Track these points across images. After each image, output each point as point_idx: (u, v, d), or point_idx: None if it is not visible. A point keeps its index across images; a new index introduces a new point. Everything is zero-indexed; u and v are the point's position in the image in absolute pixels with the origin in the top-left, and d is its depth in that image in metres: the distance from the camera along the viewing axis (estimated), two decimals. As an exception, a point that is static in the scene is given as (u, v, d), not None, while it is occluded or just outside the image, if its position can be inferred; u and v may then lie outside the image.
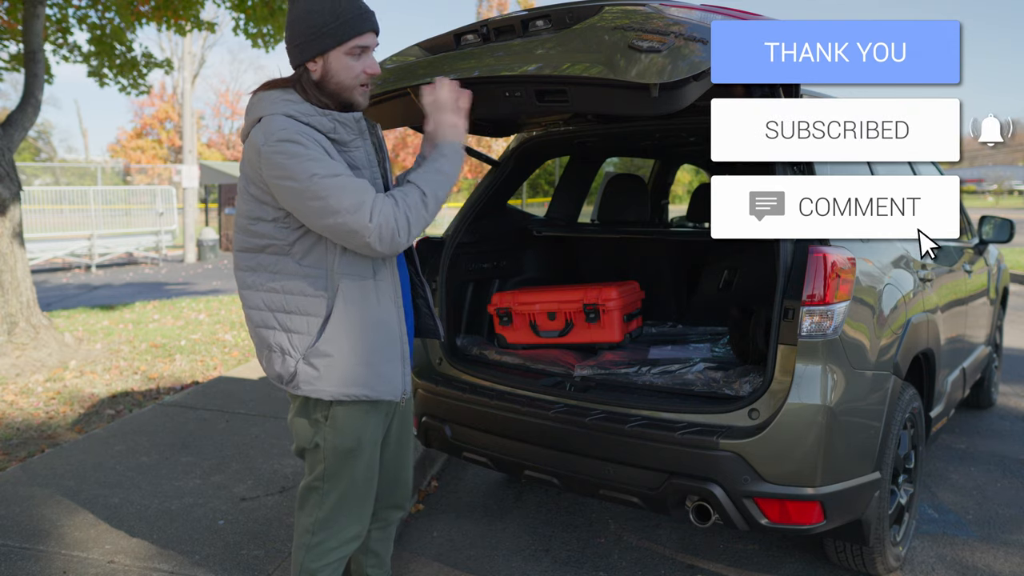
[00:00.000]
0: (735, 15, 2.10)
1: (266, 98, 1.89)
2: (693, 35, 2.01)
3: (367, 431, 1.96)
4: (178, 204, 18.85)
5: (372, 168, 1.96)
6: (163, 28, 8.11)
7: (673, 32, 2.02)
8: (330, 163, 1.79)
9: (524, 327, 3.36)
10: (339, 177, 1.77)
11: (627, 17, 2.18)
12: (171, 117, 37.51)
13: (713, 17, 2.09)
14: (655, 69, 1.94)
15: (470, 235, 3.33)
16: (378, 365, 1.91)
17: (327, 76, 1.88)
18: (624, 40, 2.05)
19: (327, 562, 1.99)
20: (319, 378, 1.86)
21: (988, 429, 4.69)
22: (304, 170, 1.75)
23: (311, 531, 1.98)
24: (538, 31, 2.38)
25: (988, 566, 2.96)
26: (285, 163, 1.76)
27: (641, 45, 2.00)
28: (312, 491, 1.98)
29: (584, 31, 2.21)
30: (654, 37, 2.02)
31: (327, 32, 1.85)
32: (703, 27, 2.04)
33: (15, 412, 4.72)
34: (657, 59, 1.96)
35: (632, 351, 3.28)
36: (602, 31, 2.17)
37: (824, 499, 2.28)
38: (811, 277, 2.26)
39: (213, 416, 4.49)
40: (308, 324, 1.87)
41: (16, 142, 6.22)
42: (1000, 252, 5.08)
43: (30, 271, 6.32)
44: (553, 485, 2.73)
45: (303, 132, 1.79)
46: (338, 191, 1.75)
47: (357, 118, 1.92)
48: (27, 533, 2.94)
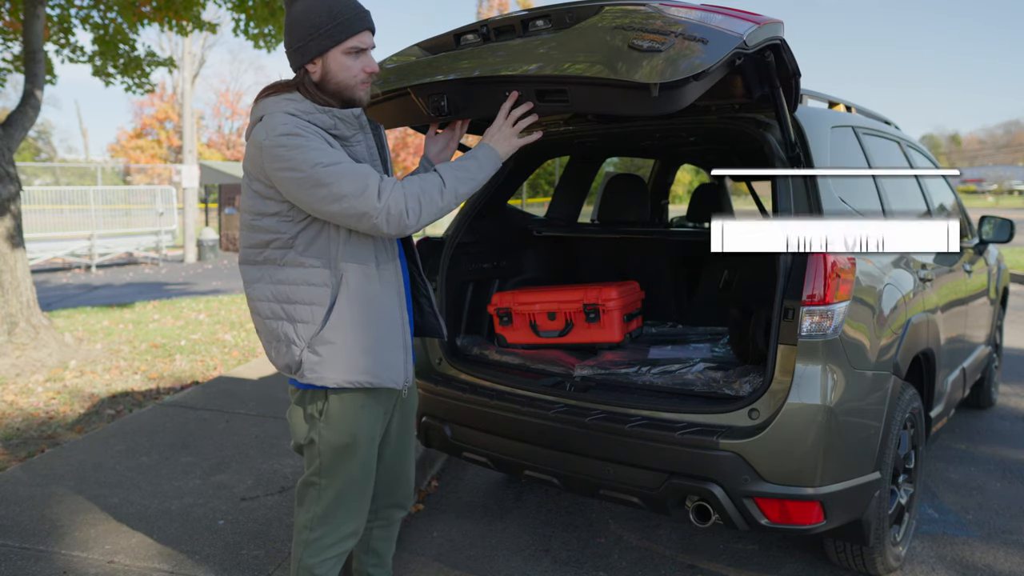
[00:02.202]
0: (735, 15, 2.10)
1: (271, 98, 1.93)
2: (694, 35, 2.00)
3: (362, 426, 1.97)
4: (178, 204, 18.87)
5: (374, 162, 2.00)
6: (165, 28, 8.11)
7: (673, 32, 2.01)
8: (331, 152, 1.83)
9: (524, 327, 3.36)
10: (341, 164, 1.81)
11: (627, 17, 2.17)
12: (171, 117, 37.50)
13: (713, 17, 2.08)
14: (655, 69, 1.94)
15: (470, 235, 3.33)
16: (380, 352, 1.94)
17: (327, 77, 1.92)
18: (624, 40, 2.05)
19: (325, 558, 2.00)
20: (322, 364, 1.89)
21: (988, 429, 4.69)
22: (307, 160, 1.78)
23: (309, 527, 2.00)
24: (538, 31, 2.38)
25: (988, 566, 2.96)
26: (287, 155, 1.79)
27: (641, 45, 2.00)
28: (309, 487, 2.01)
29: (584, 31, 2.21)
30: (654, 37, 2.01)
31: (323, 33, 1.88)
32: (704, 27, 2.03)
33: (15, 412, 4.72)
34: (657, 59, 1.96)
35: (632, 351, 3.28)
36: (603, 31, 2.16)
37: (824, 499, 2.28)
38: (811, 277, 2.26)
39: (213, 416, 4.49)
40: (312, 313, 1.90)
41: (16, 142, 6.22)
42: (1000, 252, 5.08)
43: (30, 271, 6.32)
44: (553, 485, 2.73)
45: (303, 126, 1.82)
46: (342, 176, 1.79)
47: (357, 114, 1.96)
48: (27, 533, 2.94)
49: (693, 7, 2.15)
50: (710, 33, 2.00)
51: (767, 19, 2.12)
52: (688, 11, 2.13)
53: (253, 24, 8.02)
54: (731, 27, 2.03)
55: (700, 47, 1.96)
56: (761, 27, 2.06)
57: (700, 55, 1.95)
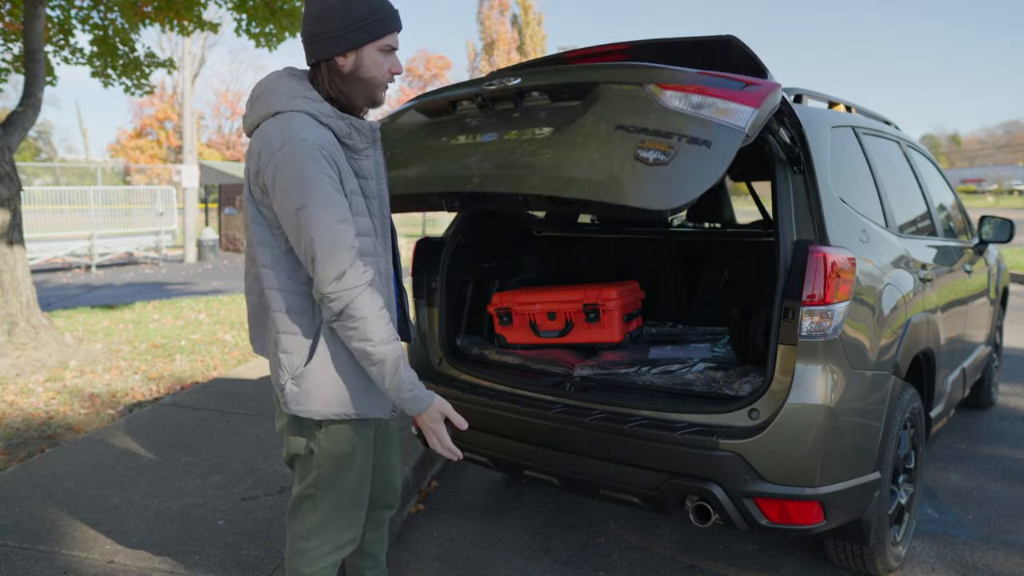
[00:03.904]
0: (735, 96, 2.07)
1: (283, 88, 1.81)
2: (696, 136, 2.01)
3: (360, 436, 1.94)
4: (178, 204, 18.86)
5: (380, 180, 1.91)
6: (166, 29, 8.11)
7: (677, 134, 2.02)
8: (336, 201, 1.72)
9: (524, 327, 3.36)
10: (340, 225, 1.71)
11: (628, 106, 2.16)
12: (171, 117, 37.53)
13: (712, 103, 2.06)
14: (666, 194, 1.97)
15: (470, 235, 3.33)
16: (366, 387, 1.87)
17: (358, 71, 1.83)
18: (630, 147, 2.05)
19: (321, 567, 1.97)
20: (307, 397, 1.83)
21: (988, 429, 4.69)
22: (308, 197, 1.69)
23: (305, 536, 1.96)
24: (536, 104, 2.43)
25: (988, 566, 2.96)
26: (293, 181, 1.70)
27: (647, 157, 2.01)
28: (306, 498, 1.95)
29: (587, 124, 2.22)
30: (659, 146, 2.02)
31: (363, 27, 1.79)
32: (706, 123, 2.03)
33: (15, 412, 4.72)
34: (666, 177, 1.98)
35: (632, 351, 3.28)
36: (604, 123, 2.17)
37: (824, 499, 2.28)
38: (811, 277, 2.26)
39: (213, 416, 4.49)
40: (297, 344, 1.83)
41: (16, 142, 6.22)
42: (1000, 252, 5.08)
43: (30, 271, 6.32)
44: (553, 485, 2.73)
45: (322, 147, 1.72)
46: (329, 241, 1.69)
47: (373, 127, 1.89)
48: (27, 533, 2.94)
49: (690, 86, 2.12)
50: (713, 132, 2.00)
51: (766, 90, 2.09)
52: (686, 95, 2.10)
53: (255, 24, 8.02)
54: (732, 118, 2.01)
55: (705, 152, 1.97)
56: (761, 108, 2.04)
57: (706, 164, 1.97)
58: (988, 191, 59.69)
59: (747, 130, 1.99)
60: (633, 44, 2.73)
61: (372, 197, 1.89)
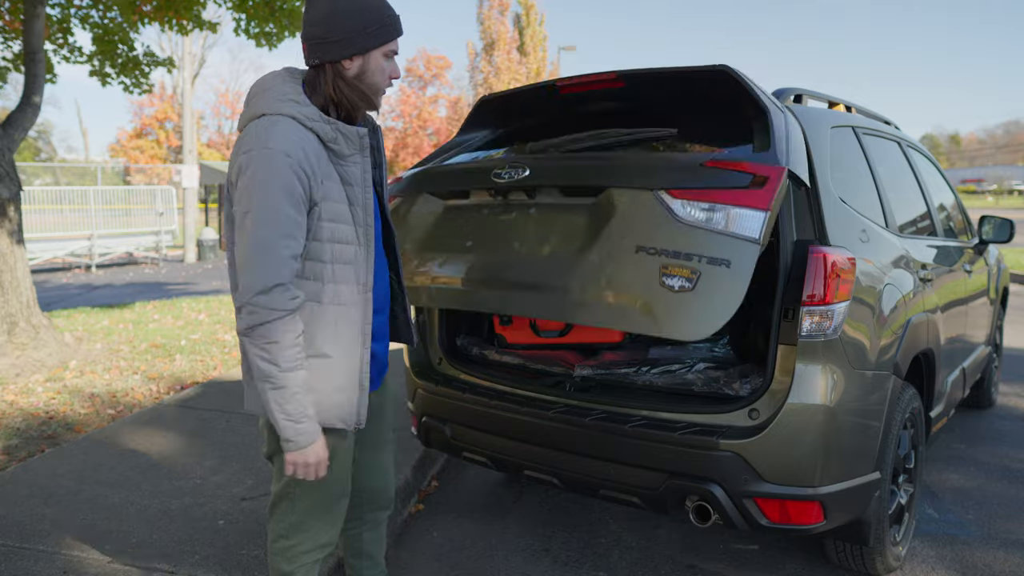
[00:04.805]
0: (743, 200, 2.10)
1: (273, 90, 1.79)
2: (716, 257, 2.06)
3: (336, 439, 1.92)
4: (178, 204, 18.88)
5: (365, 187, 1.87)
6: (165, 28, 8.10)
7: (696, 255, 2.08)
8: (285, 215, 1.68)
9: (524, 327, 3.36)
10: (280, 240, 1.68)
11: (645, 218, 2.20)
12: (171, 117, 37.53)
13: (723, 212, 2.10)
14: (696, 323, 2.05)
15: None
16: (329, 394, 1.83)
17: (363, 75, 1.82)
18: (654, 272, 2.12)
19: (302, 563, 1.97)
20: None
21: (988, 429, 4.69)
22: (254, 204, 1.67)
23: (284, 535, 1.95)
24: (549, 203, 2.47)
25: (988, 566, 2.96)
26: (247, 186, 1.68)
27: (673, 285, 2.08)
28: (283, 497, 1.94)
29: (605, 234, 2.27)
30: (682, 271, 2.08)
31: (372, 32, 1.79)
32: (720, 239, 2.08)
33: (15, 412, 4.72)
34: (693, 306, 2.05)
35: (632, 351, 3.28)
36: (626, 239, 2.22)
37: (824, 499, 2.28)
38: (811, 277, 2.26)
39: (213, 416, 4.49)
40: None
41: (16, 142, 6.22)
42: (1000, 252, 5.08)
43: (30, 271, 6.32)
44: (553, 485, 2.73)
45: (291, 154, 1.69)
46: (262, 252, 1.66)
47: (361, 134, 1.85)
48: (27, 533, 2.94)
49: (700, 192, 2.16)
50: (730, 248, 2.06)
51: (773, 185, 2.09)
52: (697, 203, 2.15)
53: (255, 23, 8.01)
54: (746, 228, 2.07)
55: (726, 273, 2.04)
56: (771, 208, 2.07)
57: (730, 285, 2.03)
58: (988, 191, 59.72)
59: (760, 240, 2.05)
60: (625, 74, 2.66)
61: (357, 204, 1.85)
